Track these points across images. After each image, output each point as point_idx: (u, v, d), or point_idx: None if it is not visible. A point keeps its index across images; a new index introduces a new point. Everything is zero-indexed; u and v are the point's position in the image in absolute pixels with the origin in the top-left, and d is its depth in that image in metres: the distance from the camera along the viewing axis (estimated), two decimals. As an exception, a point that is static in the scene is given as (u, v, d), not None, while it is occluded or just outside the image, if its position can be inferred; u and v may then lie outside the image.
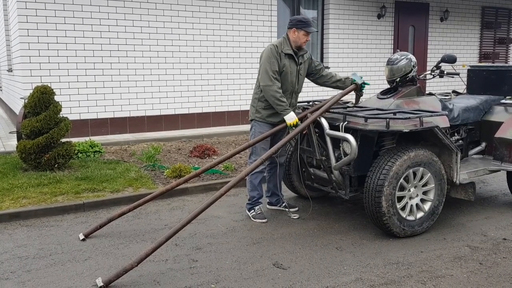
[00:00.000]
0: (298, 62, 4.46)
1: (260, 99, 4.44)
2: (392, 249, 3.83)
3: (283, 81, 4.37)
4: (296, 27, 4.37)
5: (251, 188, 4.58)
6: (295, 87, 4.50)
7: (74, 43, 7.96)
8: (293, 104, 4.56)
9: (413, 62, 4.57)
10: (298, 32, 4.37)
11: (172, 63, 8.87)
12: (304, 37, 4.38)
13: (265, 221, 4.48)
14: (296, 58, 4.44)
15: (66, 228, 4.39)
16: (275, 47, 4.35)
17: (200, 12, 9.02)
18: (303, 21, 4.38)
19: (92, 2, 8.01)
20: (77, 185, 5.40)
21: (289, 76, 4.40)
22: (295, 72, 4.44)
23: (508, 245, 3.92)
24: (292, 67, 4.42)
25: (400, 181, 3.92)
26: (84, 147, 6.85)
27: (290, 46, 4.41)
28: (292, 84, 4.44)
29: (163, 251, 3.79)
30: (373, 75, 11.30)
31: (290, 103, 4.47)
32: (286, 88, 4.41)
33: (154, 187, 5.43)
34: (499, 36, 13.63)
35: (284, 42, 4.42)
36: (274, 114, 4.40)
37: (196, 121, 9.26)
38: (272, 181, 4.78)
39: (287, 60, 4.38)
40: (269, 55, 4.32)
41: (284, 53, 4.36)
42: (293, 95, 4.50)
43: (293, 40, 4.40)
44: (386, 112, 4.08)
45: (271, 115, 4.42)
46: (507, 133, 4.70)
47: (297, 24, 4.37)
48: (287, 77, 4.39)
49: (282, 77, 4.37)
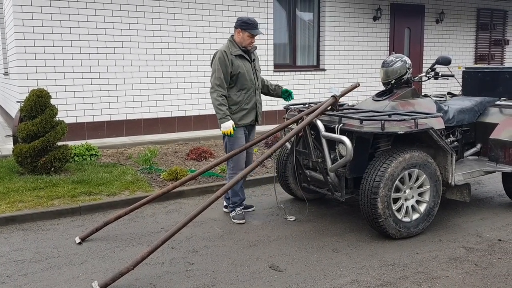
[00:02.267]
0: (251, 59, 4.49)
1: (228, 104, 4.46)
2: (388, 251, 3.84)
3: (243, 81, 4.39)
4: (240, 27, 4.35)
5: (233, 194, 4.59)
6: (256, 83, 4.53)
7: (70, 46, 7.96)
8: (259, 101, 4.59)
9: (408, 64, 4.59)
10: (242, 33, 4.36)
11: (169, 66, 8.88)
12: (248, 38, 4.37)
13: (243, 221, 4.52)
14: (247, 56, 4.45)
15: (62, 232, 4.38)
16: (223, 54, 4.33)
17: (196, 15, 9.03)
18: (248, 23, 4.35)
19: (88, 6, 8.02)
20: (73, 188, 5.40)
21: (246, 75, 4.42)
22: (251, 70, 4.48)
23: (503, 246, 3.94)
24: (247, 66, 4.44)
25: (395, 183, 3.93)
26: (81, 151, 6.84)
27: (238, 46, 4.40)
28: (252, 81, 4.47)
29: (159, 254, 3.79)
30: (369, 77, 11.33)
31: (256, 100, 4.53)
32: (248, 86, 4.45)
33: (151, 190, 5.43)
34: (494, 38, 13.69)
35: (231, 45, 4.42)
36: (243, 116, 4.47)
37: (193, 123, 9.26)
38: None
39: (239, 61, 4.39)
40: (217, 63, 4.33)
41: (234, 55, 4.36)
42: (256, 92, 4.54)
43: (238, 41, 4.40)
44: (381, 114, 4.10)
45: (241, 118, 4.47)
46: (502, 134, 4.73)
47: (241, 25, 4.35)
48: (246, 76, 4.41)
49: (241, 78, 4.39)
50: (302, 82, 10.48)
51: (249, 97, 4.48)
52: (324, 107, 4.28)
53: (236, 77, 4.39)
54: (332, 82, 10.81)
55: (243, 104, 4.47)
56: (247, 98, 4.47)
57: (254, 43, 4.50)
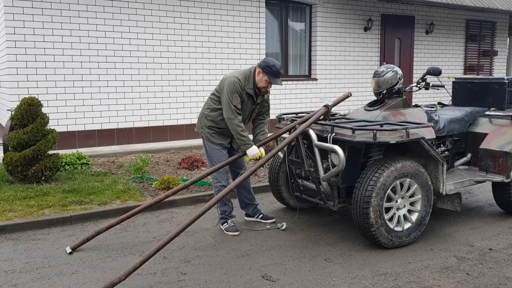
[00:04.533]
0: (256, 102, 4.45)
1: (207, 117, 4.45)
2: (380, 260, 3.85)
3: None
4: (264, 70, 4.27)
5: (221, 204, 4.54)
6: (245, 122, 4.50)
7: (62, 54, 7.94)
8: None
9: (399, 74, 4.65)
10: (263, 75, 4.28)
11: (161, 75, 8.88)
12: (266, 83, 4.30)
13: (237, 233, 4.45)
14: (255, 98, 4.41)
15: (53, 241, 4.34)
16: (238, 82, 4.27)
17: (189, 24, 9.06)
18: (273, 70, 4.25)
19: (80, 14, 8.01)
20: (64, 197, 5.35)
21: (242, 112, 4.39)
22: (249, 110, 4.45)
23: (494, 255, 3.97)
24: (248, 105, 4.41)
25: (387, 192, 3.95)
26: (72, 159, 6.80)
27: (254, 84, 4.34)
28: (242, 119, 4.41)
29: (151, 264, 3.76)
30: (360, 87, 11.42)
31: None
32: None
33: (142, 199, 5.41)
34: (483, 49, 13.89)
35: (248, 79, 4.33)
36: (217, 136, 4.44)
37: (185, 132, 9.25)
38: (242, 194, 4.79)
39: (246, 97, 4.35)
40: (233, 90, 4.25)
41: (246, 91, 4.32)
42: None
43: (256, 80, 4.33)
44: (373, 123, 4.13)
45: (214, 136, 4.45)
46: (492, 144, 4.78)
47: (265, 68, 4.26)
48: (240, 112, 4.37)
49: None
50: (294, 91, 10.54)
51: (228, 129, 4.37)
52: (317, 117, 4.30)
53: None
54: (324, 92, 10.88)
55: (220, 129, 4.43)
56: (227, 127, 4.37)
57: (269, 89, 4.42)
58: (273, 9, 10.36)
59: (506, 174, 4.69)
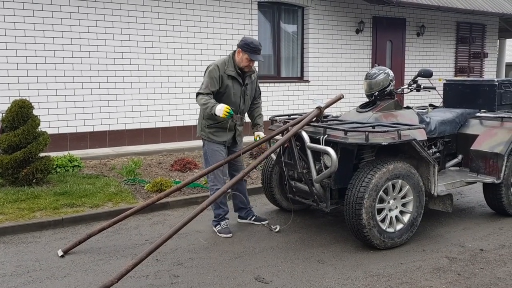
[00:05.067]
0: (243, 83, 4.40)
1: (203, 117, 4.44)
2: (372, 261, 3.87)
3: (227, 102, 4.26)
4: (242, 48, 4.25)
5: (215, 207, 4.54)
6: (240, 107, 4.45)
7: (53, 56, 7.89)
8: (239, 124, 4.50)
9: (390, 76, 4.68)
10: (242, 54, 4.27)
11: (153, 77, 8.86)
12: (246, 61, 4.27)
13: (230, 235, 4.43)
14: (240, 79, 4.37)
15: (44, 245, 4.31)
16: (217, 68, 4.26)
17: (181, 26, 9.05)
18: (251, 46, 4.23)
19: (72, 16, 7.98)
20: (56, 200, 5.32)
21: (232, 97, 4.34)
22: (239, 93, 4.38)
23: (485, 255, 4.00)
24: (236, 88, 4.35)
25: (379, 194, 3.97)
26: (63, 162, 6.76)
27: (234, 66, 4.32)
28: (236, 104, 4.37)
29: (144, 266, 3.75)
30: (352, 89, 11.47)
31: (236, 124, 4.45)
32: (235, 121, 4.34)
33: (135, 202, 5.38)
34: (473, 51, 14.00)
35: (229, 62, 4.32)
36: (217, 133, 4.42)
37: (177, 134, 9.23)
38: (237, 197, 4.78)
39: (230, 81, 4.31)
40: (209, 75, 4.26)
41: (227, 74, 4.29)
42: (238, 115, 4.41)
43: (237, 61, 4.31)
44: (365, 125, 4.15)
45: (214, 134, 4.42)
46: (483, 145, 4.82)
47: (244, 46, 4.25)
48: (231, 98, 4.33)
49: (225, 99, 4.31)
50: (286, 93, 10.56)
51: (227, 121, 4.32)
52: (309, 119, 4.32)
53: (221, 96, 4.32)
54: (316, 94, 10.91)
55: (219, 123, 4.38)
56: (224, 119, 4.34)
57: (252, 67, 4.38)
58: (265, 11, 10.38)
59: (497, 175, 4.74)
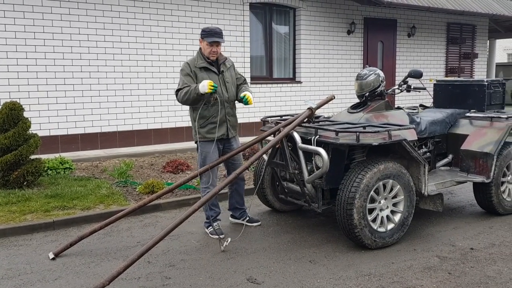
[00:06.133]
0: (218, 71, 4.41)
1: (195, 119, 4.41)
2: (364, 261, 3.89)
3: (208, 94, 4.25)
4: (201, 37, 4.34)
5: (207, 208, 4.52)
6: (224, 95, 4.42)
7: (44, 58, 7.85)
8: (230, 113, 4.47)
9: (381, 77, 4.71)
10: (203, 42, 4.34)
11: (145, 78, 8.84)
12: (208, 47, 4.30)
13: (222, 236, 4.39)
14: (215, 68, 4.39)
15: (35, 247, 4.28)
16: (187, 65, 4.33)
17: (172, 27, 9.04)
18: (206, 31, 4.32)
19: (63, 18, 7.94)
20: (47, 203, 5.29)
21: None
22: (218, 82, 4.37)
23: (475, 254, 4.03)
24: (213, 78, 4.34)
25: (370, 194, 4.00)
26: (54, 164, 6.72)
27: (204, 58, 4.36)
28: (219, 94, 4.34)
29: (136, 268, 3.74)
30: (344, 89, 11.51)
31: (226, 113, 4.41)
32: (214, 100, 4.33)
33: (126, 204, 5.37)
34: (464, 51, 14.12)
35: (198, 56, 4.39)
36: (212, 129, 4.39)
37: (169, 136, 9.22)
38: (234, 197, 4.78)
39: (204, 73, 4.33)
40: (182, 74, 4.34)
41: (199, 67, 4.32)
42: (225, 105, 4.38)
43: (203, 51, 4.37)
44: (356, 126, 4.17)
45: (209, 132, 4.39)
46: (473, 145, 4.86)
47: (201, 34, 4.34)
48: None
49: None
50: (278, 94, 10.58)
51: (216, 111, 4.33)
52: (301, 119, 4.33)
53: None
54: (308, 95, 10.94)
55: (210, 118, 4.36)
56: (214, 111, 4.34)
57: (217, 52, 4.36)
58: (257, 12, 10.40)
59: (487, 174, 4.78)
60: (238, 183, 4.68)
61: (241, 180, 4.71)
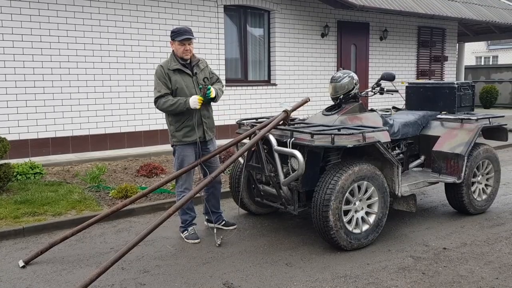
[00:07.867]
0: (192, 73, 4.39)
1: (170, 123, 4.38)
2: (340, 263, 3.91)
3: (182, 95, 4.25)
4: (171, 38, 4.33)
5: (183, 212, 4.49)
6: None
7: (13, 60, 7.64)
8: (206, 115, 4.42)
9: (355, 80, 4.75)
10: (174, 43, 4.33)
11: (117, 80, 8.70)
12: (180, 47, 4.28)
13: (198, 241, 4.38)
14: (188, 70, 4.36)
15: (4, 255, 4.15)
16: (161, 68, 4.30)
17: (146, 29, 8.94)
18: (175, 31, 4.31)
19: (32, 19, 7.75)
20: (16, 209, 5.14)
21: (186, 90, 4.29)
22: (191, 84, 4.34)
23: (448, 254, 4.11)
24: (187, 80, 4.32)
25: (345, 195, 4.02)
26: (24, 169, 6.54)
27: (177, 59, 4.34)
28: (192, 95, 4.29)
29: (109, 275, 3.66)
30: (318, 92, 11.61)
31: (201, 115, 4.36)
32: None
33: (99, 209, 5.26)
34: (434, 54, 14.44)
35: (171, 59, 4.36)
36: (187, 132, 4.34)
37: (143, 139, 9.10)
38: (210, 201, 4.73)
39: (178, 76, 4.30)
40: (156, 77, 4.30)
41: (172, 70, 4.29)
42: (202, 107, 4.27)
43: (175, 52, 4.35)
44: (331, 128, 4.20)
45: (185, 135, 4.35)
46: (444, 146, 4.96)
47: (171, 35, 4.33)
48: (185, 91, 4.28)
49: (180, 93, 4.27)
50: (254, 96, 10.58)
51: (190, 113, 4.28)
52: (276, 122, 4.33)
53: (175, 93, 4.27)
54: (283, 97, 10.98)
55: (186, 121, 4.32)
56: (188, 114, 4.29)
57: (190, 50, 4.32)
58: (231, 14, 10.39)
59: (458, 175, 4.88)
60: (215, 186, 4.63)
61: (217, 183, 4.67)
